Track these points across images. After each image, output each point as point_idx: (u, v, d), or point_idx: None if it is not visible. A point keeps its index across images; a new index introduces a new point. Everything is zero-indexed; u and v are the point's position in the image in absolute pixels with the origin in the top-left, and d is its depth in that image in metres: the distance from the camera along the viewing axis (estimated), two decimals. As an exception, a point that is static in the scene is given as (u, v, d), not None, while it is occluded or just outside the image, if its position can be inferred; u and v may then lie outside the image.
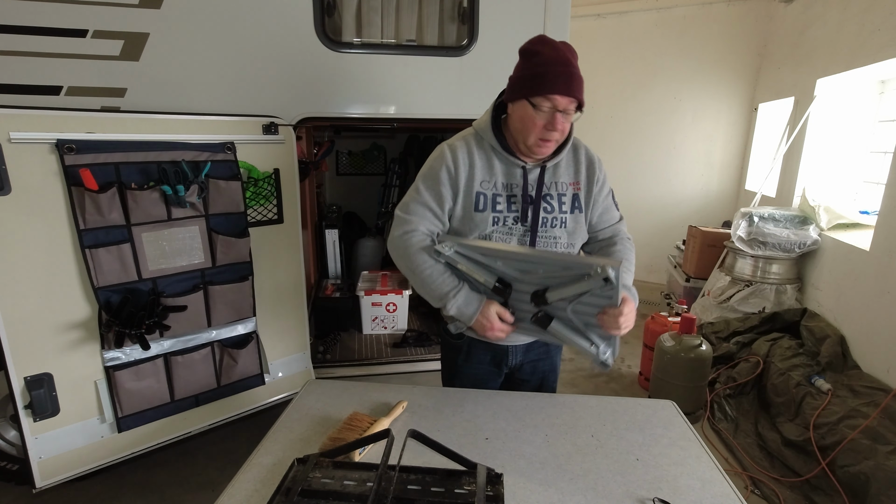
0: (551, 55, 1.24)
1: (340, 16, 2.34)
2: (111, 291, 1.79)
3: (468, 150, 1.36)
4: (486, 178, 1.35)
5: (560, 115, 1.23)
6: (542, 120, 1.24)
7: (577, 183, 1.39)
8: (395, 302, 3.15)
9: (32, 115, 1.64)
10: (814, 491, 2.26)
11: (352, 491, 0.97)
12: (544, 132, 1.25)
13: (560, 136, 1.28)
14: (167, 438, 2.02)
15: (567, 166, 1.39)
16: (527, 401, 1.42)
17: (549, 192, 1.36)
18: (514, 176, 1.35)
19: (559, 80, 1.21)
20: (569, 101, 1.23)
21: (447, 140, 1.43)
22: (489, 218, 1.34)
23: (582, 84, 1.24)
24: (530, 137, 1.28)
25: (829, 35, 3.63)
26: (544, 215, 1.35)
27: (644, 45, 5.12)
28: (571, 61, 1.24)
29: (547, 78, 1.22)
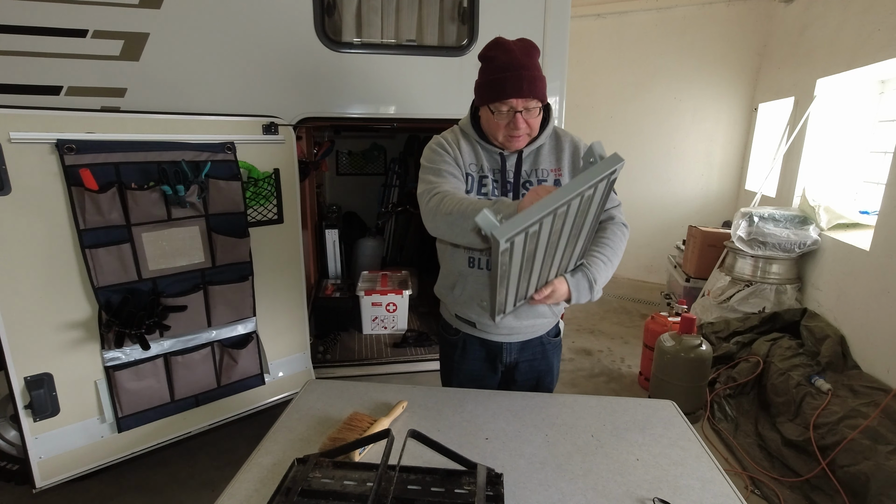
0: (504, 60, 1.27)
1: (340, 16, 2.34)
2: (111, 291, 1.79)
3: (455, 137, 1.44)
4: (473, 161, 1.41)
5: (520, 116, 1.29)
6: (504, 122, 1.31)
7: (558, 169, 1.42)
8: (395, 302, 3.15)
9: (32, 115, 1.64)
10: (814, 491, 2.26)
11: (352, 491, 0.97)
12: (509, 130, 1.32)
13: (526, 130, 1.32)
14: (167, 438, 2.02)
15: (549, 153, 1.42)
16: (527, 401, 1.42)
17: (529, 179, 1.40)
18: (496, 161, 1.41)
19: (511, 85, 1.25)
20: (524, 102, 1.27)
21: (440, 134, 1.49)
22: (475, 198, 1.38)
23: (536, 82, 1.27)
24: (498, 137, 1.36)
25: (829, 35, 3.63)
26: None
27: (644, 45, 5.12)
28: (524, 63, 1.27)
29: (500, 84, 1.27)
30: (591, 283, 1.30)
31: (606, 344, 4.01)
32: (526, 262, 1.10)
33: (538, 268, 1.17)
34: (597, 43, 5.28)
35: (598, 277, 1.31)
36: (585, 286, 1.30)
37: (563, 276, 1.31)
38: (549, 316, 1.51)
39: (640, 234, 5.50)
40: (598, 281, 1.31)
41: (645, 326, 3.29)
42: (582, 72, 5.22)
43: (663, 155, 5.25)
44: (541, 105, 1.32)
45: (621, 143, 5.36)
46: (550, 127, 1.42)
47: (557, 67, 2.30)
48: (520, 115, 1.28)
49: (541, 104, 1.31)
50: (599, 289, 1.33)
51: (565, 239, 1.12)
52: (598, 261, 1.33)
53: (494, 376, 1.58)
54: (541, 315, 1.48)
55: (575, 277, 1.31)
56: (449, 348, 1.59)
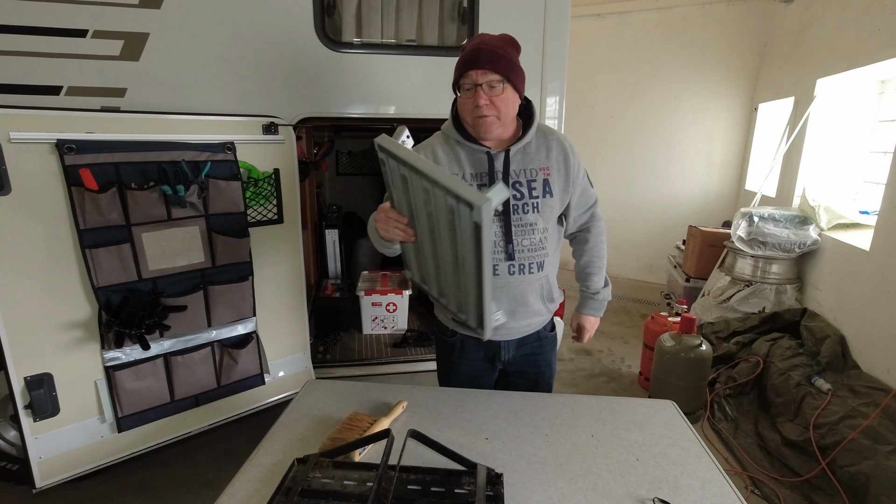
0: (473, 42, 1.31)
1: (340, 16, 2.34)
2: (111, 291, 1.79)
3: (433, 145, 1.43)
4: (454, 170, 1.39)
5: (481, 91, 1.28)
6: (468, 101, 1.31)
7: (546, 168, 1.40)
8: (395, 302, 3.15)
9: (32, 115, 1.64)
10: (814, 491, 2.26)
11: (352, 491, 0.97)
12: (474, 110, 1.31)
13: (491, 110, 1.30)
14: (167, 438, 2.01)
15: (536, 152, 1.40)
16: (527, 401, 1.42)
17: (518, 179, 1.38)
18: (481, 164, 1.38)
19: (470, 58, 1.28)
20: (481, 74, 1.27)
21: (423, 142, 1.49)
22: None
23: (498, 58, 1.27)
24: (468, 118, 1.35)
25: (829, 35, 3.63)
26: (514, 202, 1.37)
27: (644, 45, 5.12)
28: (489, 42, 1.29)
29: (463, 60, 1.30)
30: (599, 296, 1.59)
31: (606, 344, 4.01)
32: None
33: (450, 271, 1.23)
34: (597, 43, 5.28)
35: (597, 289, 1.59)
36: (598, 305, 1.60)
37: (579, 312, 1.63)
38: (545, 313, 1.52)
39: (640, 234, 5.50)
40: (599, 291, 1.59)
41: (645, 326, 3.29)
42: (582, 72, 5.22)
43: (663, 155, 5.25)
44: (506, 86, 1.29)
45: (621, 142, 5.36)
46: (536, 124, 1.41)
47: (557, 67, 2.30)
48: (480, 89, 1.27)
49: (505, 84, 1.29)
50: (606, 292, 1.60)
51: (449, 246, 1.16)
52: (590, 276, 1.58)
53: (492, 374, 1.59)
54: (536, 313, 1.49)
55: (586, 306, 1.61)
56: (446, 349, 1.59)
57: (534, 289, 1.44)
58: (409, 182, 1.15)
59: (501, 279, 1.39)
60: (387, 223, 1.25)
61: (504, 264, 1.39)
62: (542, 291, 1.46)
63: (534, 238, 1.39)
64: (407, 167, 1.12)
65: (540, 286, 1.45)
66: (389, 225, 1.24)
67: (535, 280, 1.43)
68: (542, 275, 1.43)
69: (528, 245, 1.39)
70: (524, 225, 1.38)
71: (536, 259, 1.41)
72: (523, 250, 1.39)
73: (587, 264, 1.57)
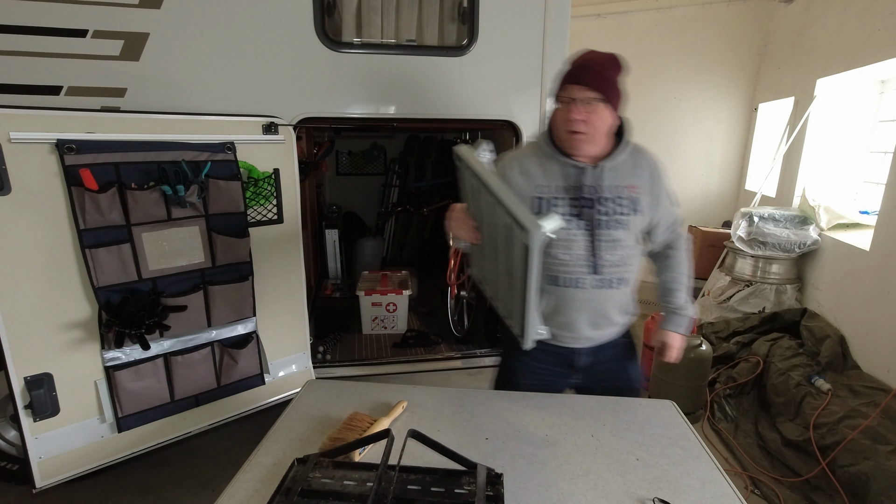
0: (578, 58, 1.34)
1: (340, 16, 2.34)
2: (111, 291, 1.79)
3: (522, 158, 1.45)
4: (543, 182, 1.40)
5: (576, 105, 1.30)
6: (564, 113, 1.33)
7: (635, 186, 1.41)
8: (395, 302, 3.15)
9: (32, 115, 1.64)
10: (814, 491, 2.26)
11: (352, 491, 0.97)
12: (567, 124, 1.33)
13: (583, 126, 1.32)
14: (167, 438, 2.02)
15: (627, 170, 1.41)
16: (527, 401, 1.42)
17: (606, 195, 1.39)
18: (572, 178, 1.39)
19: (571, 73, 1.32)
20: (579, 90, 1.29)
21: (512, 150, 1.54)
22: None
23: (598, 77, 1.29)
24: (560, 132, 1.37)
25: (829, 35, 3.62)
26: (601, 217, 1.38)
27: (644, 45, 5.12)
28: (593, 60, 1.32)
29: (564, 74, 1.34)
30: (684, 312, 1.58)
31: (606, 344, 4.01)
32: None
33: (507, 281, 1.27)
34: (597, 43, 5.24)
35: (680, 304, 1.58)
36: (682, 321, 1.59)
37: (664, 328, 1.60)
38: (621, 325, 1.53)
39: (640, 234, 5.49)
40: (683, 307, 1.58)
41: (645, 326, 3.28)
42: (582, 72, 5.21)
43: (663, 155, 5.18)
44: (603, 105, 1.31)
45: (621, 143, 5.35)
46: (627, 143, 1.42)
47: (557, 67, 2.30)
48: (576, 104, 1.30)
49: (602, 103, 1.30)
50: (690, 308, 1.59)
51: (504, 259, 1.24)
52: (674, 291, 1.58)
53: (565, 379, 1.58)
54: (614, 325, 1.50)
55: (671, 322, 1.59)
56: (515, 351, 1.52)
57: (615, 302, 1.46)
58: (479, 193, 1.24)
59: (585, 292, 1.41)
60: (457, 223, 1.35)
61: (588, 277, 1.40)
62: (622, 305, 1.49)
63: (619, 254, 1.41)
64: (478, 180, 1.22)
65: (621, 300, 1.47)
66: (459, 225, 1.34)
67: (617, 294, 1.44)
68: (625, 290, 1.45)
69: (613, 260, 1.40)
70: (610, 241, 1.39)
71: (620, 274, 1.42)
72: (608, 265, 1.40)
73: (671, 280, 1.58)
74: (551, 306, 1.45)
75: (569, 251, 1.39)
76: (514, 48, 2.27)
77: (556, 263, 1.41)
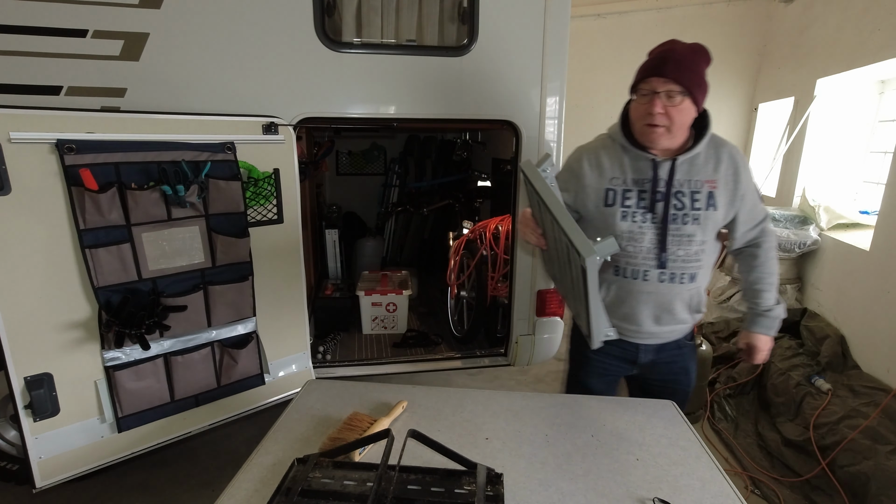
0: (662, 48, 1.30)
1: (340, 16, 2.34)
2: (111, 291, 1.79)
3: (594, 150, 1.45)
4: (616, 174, 1.40)
5: (657, 99, 1.27)
6: (643, 106, 1.31)
7: (713, 181, 1.37)
8: (395, 302, 3.15)
9: (32, 115, 1.64)
10: (814, 491, 2.26)
11: (352, 491, 0.97)
12: (646, 117, 1.30)
13: (663, 120, 1.28)
14: (167, 438, 2.01)
15: (705, 163, 1.37)
16: (527, 401, 1.42)
17: (680, 189, 1.36)
18: (644, 171, 1.37)
19: (654, 64, 1.27)
20: (662, 83, 1.26)
21: (584, 144, 1.52)
22: (617, 213, 1.39)
23: (682, 69, 1.25)
24: (637, 124, 1.34)
25: (829, 35, 3.62)
26: (674, 212, 1.36)
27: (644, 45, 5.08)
28: (677, 51, 1.27)
29: (646, 65, 1.30)
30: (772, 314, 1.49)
31: (606, 344, 4.01)
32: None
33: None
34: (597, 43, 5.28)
35: (768, 306, 1.49)
36: (770, 323, 1.50)
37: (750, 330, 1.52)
38: (689, 322, 1.51)
39: (640, 234, 5.49)
40: (772, 308, 1.49)
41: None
42: (582, 72, 5.22)
43: (663, 155, 5.25)
44: (686, 98, 1.27)
45: (621, 143, 5.35)
46: (708, 135, 1.38)
47: (557, 67, 2.30)
48: (657, 97, 1.26)
49: (685, 96, 1.27)
50: (779, 309, 1.51)
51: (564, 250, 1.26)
52: (761, 292, 1.49)
53: (625, 371, 1.60)
54: (680, 321, 1.48)
55: (757, 324, 1.51)
56: (580, 342, 1.57)
57: (682, 298, 1.43)
58: (542, 207, 1.28)
59: (650, 285, 1.40)
60: (525, 228, 1.38)
61: (654, 271, 1.39)
62: (690, 301, 1.46)
63: (689, 249, 1.38)
64: (538, 198, 1.24)
65: (689, 296, 1.44)
66: (527, 230, 1.37)
67: (684, 290, 1.42)
68: (692, 286, 1.42)
69: (683, 255, 1.38)
70: (681, 235, 1.37)
71: (689, 270, 1.40)
72: (677, 260, 1.38)
73: (757, 280, 1.51)
74: (612, 296, 1.46)
75: (636, 244, 1.38)
76: (514, 48, 2.27)
77: (622, 255, 1.40)
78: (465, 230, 3.44)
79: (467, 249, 3.10)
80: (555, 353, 2.68)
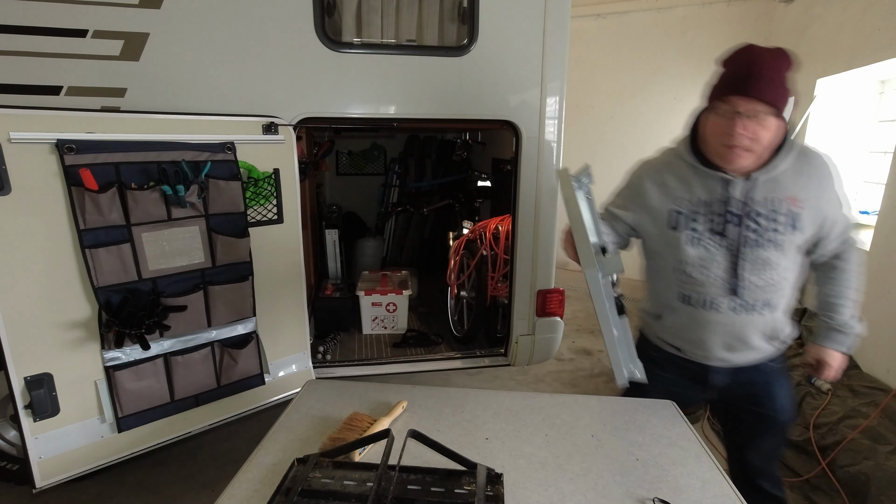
0: (741, 59, 1.17)
1: (340, 16, 2.34)
2: (111, 291, 1.79)
3: (659, 167, 1.35)
4: (682, 194, 1.28)
5: (741, 119, 1.14)
6: (722, 125, 1.18)
7: (796, 199, 1.22)
8: (395, 302, 3.15)
9: (32, 115, 1.64)
10: (814, 491, 2.26)
11: (352, 491, 0.97)
12: (725, 138, 1.17)
13: (745, 141, 1.16)
14: (167, 438, 2.01)
15: (789, 180, 1.23)
16: (527, 401, 1.42)
17: (758, 210, 1.23)
18: (715, 191, 1.25)
19: (737, 81, 1.14)
20: (748, 102, 1.13)
21: (648, 157, 1.43)
22: (683, 236, 1.28)
23: (769, 85, 1.13)
24: (713, 143, 1.22)
25: (829, 35, 3.63)
26: (749, 235, 1.23)
27: (644, 45, 5.12)
28: (761, 63, 1.14)
29: (725, 81, 1.17)
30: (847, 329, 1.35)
31: (606, 344, 4.01)
32: None
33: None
34: (597, 43, 5.28)
35: (843, 321, 1.34)
36: (843, 339, 1.36)
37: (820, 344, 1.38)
38: (767, 350, 1.37)
39: (640, 234, 5.49)
40: (847, 324, 1.34)
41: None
42: (582, 72, 5.22)
43: (663, 155, 5.25)
44: (772, 116, 1.15)
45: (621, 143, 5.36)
46: (790, 148, 1.24)
47: (557, 67, 2.30)
48: (740, 117, 1.13)
49: (771, 115, 1.14)
50: (856, 325, 1.36)
51: None
52: (837, 306, 1.34)
53: (698, 395, 1.48)
54: (756, 350, 1.35)
55: (829, 338, 1.36)
56: (646, 361, 1.42)
57: (757, 328, 1.31)
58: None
59: (721, 315, 1.28)
60: (565, 242, 1.29)
61: (725, 300, 1.27)
62: (766, 330, 1.32)
63: (768, 276, 1.25)
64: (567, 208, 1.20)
65: (765, 325, 1.31)
66: (566, 243, 1.28)
67: (759, 319, 1.29)
68: (771, 315, 1.30)
69: (760, 283, 1.25)
70: (758, 261, 1.24)
71: (766, 298, 1.27)
72: (752, 288, 1.25)
73: (836, 294, 1.35)
74: (678, 322, 1.36)
75: (705, 271, 1.27)
76: (514, 48, 2.27)
77: (689, 282, 1.29)
78: (465, 230, 3.44)
79: (467, 249, 3.10)
80: (555, 354, 2.69)
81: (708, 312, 1.29)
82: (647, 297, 1.49)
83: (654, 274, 1.43)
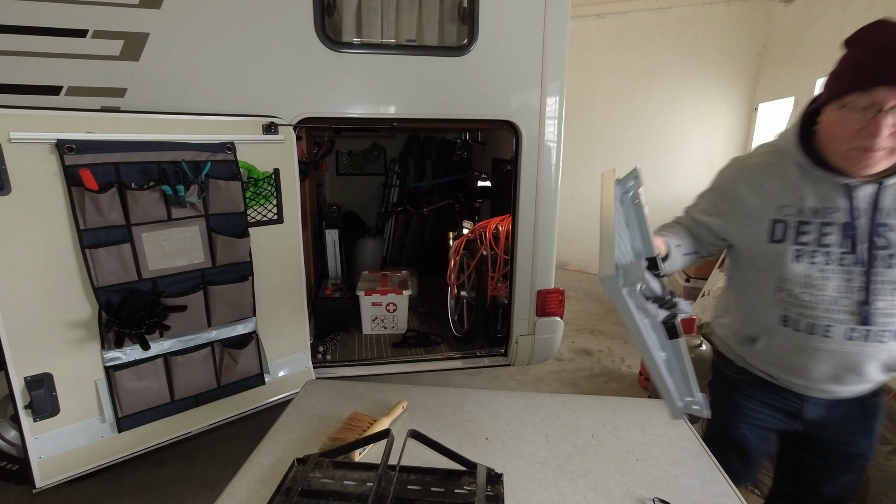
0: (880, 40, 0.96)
1: (340, 16, 2.34)
2: (111, 291, 1.79)
3: (755, 169, 1.17)
4: (787, 201, 1.11)
5: (885, 116, 0.94)
6: (856, 123, 0.98)
7: None
8: (395, 302, 3.15)
9: (32, 115, 1.64)
10: (814, 491, 2.26)
11: (352, 491, 0.97)
12: (863, 139, 0.98)
13: (890, 143, 0.96)
14: (167, 438, 2.01)
15: None
16: (527, 401, 1.42)
17: (885, 222, 1.04)
18: (830, 198, 1.07)
19: (880, 67, 0.94)
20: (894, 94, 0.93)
21: (742, 155, 1.26)
22: (789, 251, 1.11)
23: None
24: (840, 145, 1.03)
25: (829, 35, 3.63)
26: (879, 252, 1.05)
27: (644, 45, 5.13)
28: None
29: (866, 68, 0.96)
30: None
31: (606, 344, 4.02)
32: None
33: None
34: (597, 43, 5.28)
35: None
36: None
37: None
38: (880, 381, 1.20)
39: (640, 234, 5.50)
40: None
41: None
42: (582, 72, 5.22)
43: (663, 155, 5.26)
44: None
45: (621, 142, 5.37)
46: None
47: (557, 67, 2.30)
48: (885, 114, 0.93)
49: None
50: None
51: None
52: None
53: (782, 427, 1.32)
54: (869, 382, 1.18)
55: None
56: (727, 385, 1.32)
57: (877, 358, 1.12)
58: None
59: (833, 342, 1.11)
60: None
61: (841, 327, 1.09)
62: (888, 361, 1.14)
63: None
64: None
65: (887, 355, 1.13)
66: None
67: (880, 349, 1.10)
68: (894, 344, 1.11)
69: (886, 308, 1.07)
70: (885, 282, 1.05)
71: (894, 326, 1.08)
72: (878, 314, 1.07)
73: None
74: (776, 348, 1.20)
75: (816, 292, 1.09)
76: (514, 48, 2.27)
77: (794, 303, 1.12)
78: (465, 230, 3.44)
79: (467, 249, 3.10)
80: (555, 354, 2.69)
81: (818, 339, 1.12)
82: (734, 314, 1.32)
83: (746, 289, 1.26)
